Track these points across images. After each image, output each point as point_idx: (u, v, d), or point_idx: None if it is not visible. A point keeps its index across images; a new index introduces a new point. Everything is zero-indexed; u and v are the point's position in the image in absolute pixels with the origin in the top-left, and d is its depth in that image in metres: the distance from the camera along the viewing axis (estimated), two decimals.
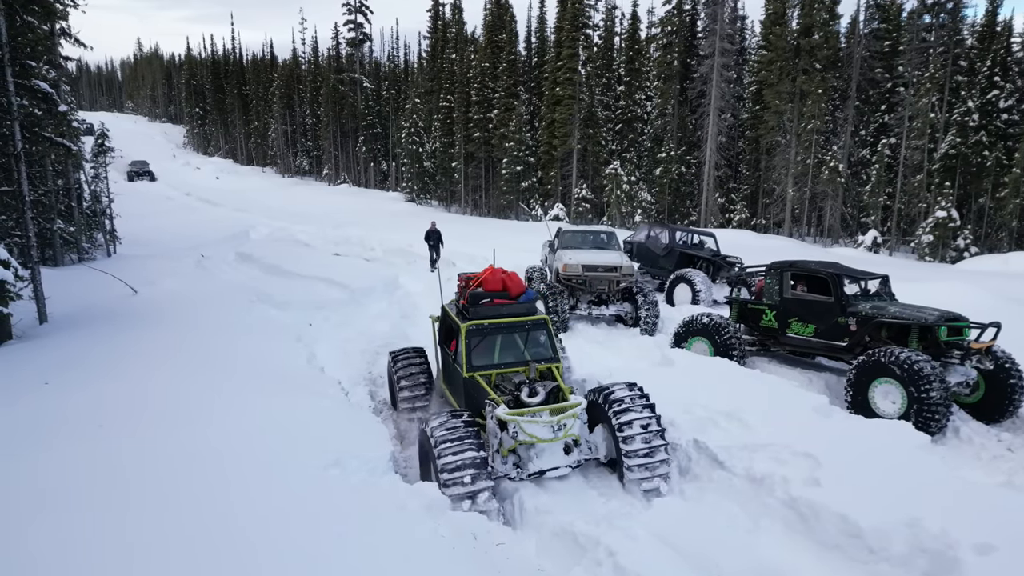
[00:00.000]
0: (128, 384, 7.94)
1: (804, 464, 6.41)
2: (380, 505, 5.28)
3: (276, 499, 5.16)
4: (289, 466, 5.80)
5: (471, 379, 7.20)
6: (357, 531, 4.80)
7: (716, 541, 5.58)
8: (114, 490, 5.20)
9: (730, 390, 8.18)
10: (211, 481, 5.43)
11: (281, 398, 7.64)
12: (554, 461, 6.59)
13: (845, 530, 5.53)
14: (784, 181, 34.06)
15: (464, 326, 7.38)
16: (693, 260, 16.14)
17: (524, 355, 7.63)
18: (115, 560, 4.25)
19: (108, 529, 4.62)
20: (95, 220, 20.81)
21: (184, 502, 5.02)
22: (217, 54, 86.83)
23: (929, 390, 7.74)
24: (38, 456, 5.81)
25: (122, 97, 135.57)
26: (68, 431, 6.41)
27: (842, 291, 9.33)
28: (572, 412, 6.63)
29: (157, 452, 5.94)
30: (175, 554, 4.32)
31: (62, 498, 5.05)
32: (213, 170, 65.02)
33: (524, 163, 40.79)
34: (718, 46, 34.49)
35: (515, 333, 7.70)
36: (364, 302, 14.86)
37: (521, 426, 6.40)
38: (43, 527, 4.60)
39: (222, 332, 11.01)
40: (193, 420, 6.80)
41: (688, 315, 10.93)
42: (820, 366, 10.38)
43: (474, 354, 7.37)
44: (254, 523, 4.77)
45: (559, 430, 6.49)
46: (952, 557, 4.97)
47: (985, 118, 30.11)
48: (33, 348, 9.87)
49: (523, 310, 7.85)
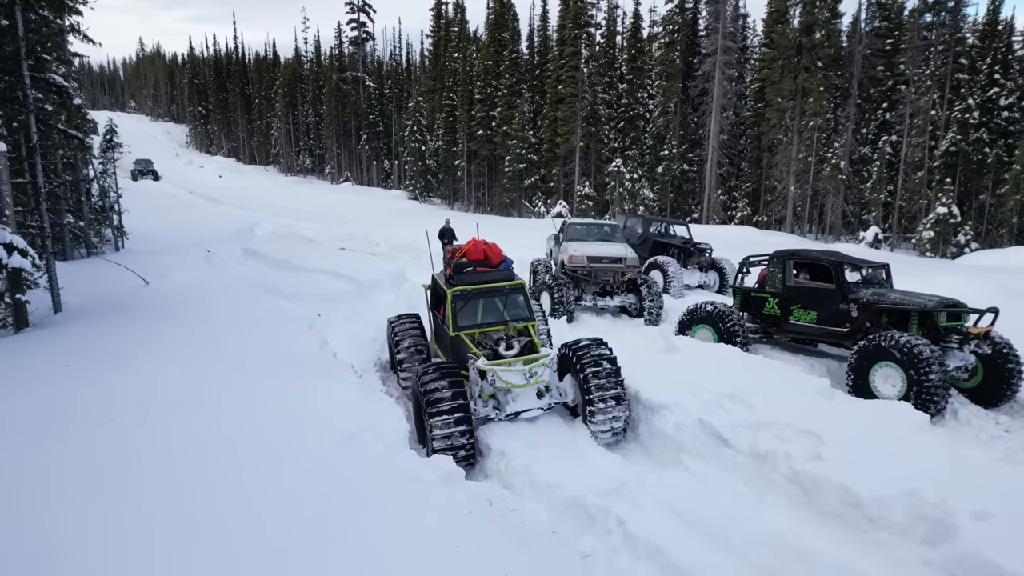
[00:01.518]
0: (143, 370, 8.17)
1: (807, 441, 6.61)
2: (396, 476, 5.47)
3: (293, 474, 5.33)
4: (306, 442, 5.99)
5: (457, 338, 8.23)
6: (374, 500, 4.98)
7: (723, 512, 5.77)
8: (130, 472, 5.34)
9: (734, 374, 8.37)
10: (224, 462, 5.59)
11: (296, 382, 7.84)
12: (527, 404, 7.68)
13: (846, 500, 5.72)
14: (786, 178, 34.23)
15: (450, 292, 8.37)
16: (666, 248, 17.29)
17: (503, 315, 8.68)
18: (130, 539, 4.35)
19: (124, 511, 4.71)
20: (103, 215, 21.01)
21: (200, 479, 5.18)
22: (220, 53, 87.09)
23: (928, 373, 7.93)
24: (56, 441, 5.97)
25: (124, 96, 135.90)
26: (83, 417, 6.57)
27: (843, 278, 9.52)
28: (542, 361, 7.68)
29: (173, 435, 6.10)
30: (194, 524, 4.47)
31: (78, 481, 5.17)
32: (216, 169, 65.27)
33: (527, 161, 40.98)
34: (720, 44, 34.67)
35: (495, 297, 8.73)
36: (372, 295, 15.05)
37: (497, 374, 7.44)
38: (59, 509, 4.69)
39: (234, 321, 11.23)
40: (210, 404, 6.99)
41: (692, 303, 11.12)
42: (822, 353, 10.57)
43: (459, 315, 8.41)
44: (270, 494, 4.93)
45: (530, 377, 7.56)
46: (950, 523, 5.15)
47: (985, 116, 30.28)
48: (52, 335, 10.08)
49: (502, 277, 8.87)
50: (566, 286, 13.23)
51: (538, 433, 7.65)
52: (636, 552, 5.26)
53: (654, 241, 17.40)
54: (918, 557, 5.14)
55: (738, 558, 5.08)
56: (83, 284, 13.99)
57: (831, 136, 34.34)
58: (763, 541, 5.29)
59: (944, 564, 4.98)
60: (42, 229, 11.72)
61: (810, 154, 32.82)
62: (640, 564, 5.12)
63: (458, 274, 8.75)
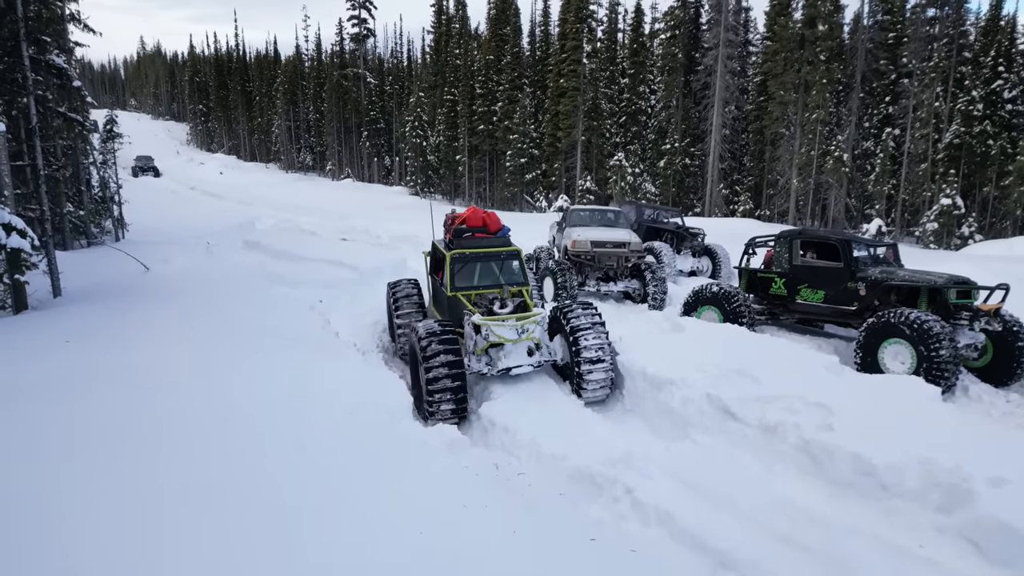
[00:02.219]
0: (150, 347, 8.09)
1: (817, 413, 6.50)
2: (403, 442, 5.38)
3: (303, 439, 5.27)
4: (315, 413, 5.90)
5: (454, 297, 8.54)
6: (381, 464, 4.89)
7: (731, 480, 5.67)
8: (147, 434, 5.30)
9: (741, 351, 8.27)
10: (240, 427, 5.55)
11: (300, 359, 7.76)
12: (519, 360, 7.92)
13: (858, 468, 5.62)
14: (788, 172, 34.11)
15: (449, 254, 8.72)
16: (659, 233, 17.43)
17: (499, 279, 9.00)
18: (146, 494, 4.31)
19: (141, 468, 4.68)
20: (104, 206, 20.92)
21: (216, 442, 5.13)
22: (220, 51, 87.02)
23: (939, 348, 7.82)
24: (72, 405, 5.91)
25: (125, 95, 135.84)
26: (100, 385, 6.52)
27: (852, 256, 9.41)
28: (533, 319, 8.03)
29: (187, 402, 6.06)
30: (209, 484, 4.42)
31: (97, 439, 5.15)
32: (217, 166, 65.20)
33: (528, 155, 40.88)
34: (723, 37, 34.55)
35: (492, 262, 9.06)
36: (374, 282, 14.93)
37: (491, 328, 7.78)
38: (76, 465, 4.68)
39: (237, 303, 11.14)
40: (220, 376, 6.93)
41: (698, 285, 11.02)
42: (828, 334, 10.47)
43: (456, 277, 8.74)
44: (284, 458, 4.88)
45: (522, 333, 7.87)
46: (966, 489, 5.05)
47: (989, 108, 30.13)
48: (52, 316, 9.98)
49: (499, 243, 9.23)
50: (569, 271, 13.12)
51: (541, 408, 7.55)
52: (645, 519, 5.15)
53: (647, 227, 17.50)
54: (932, 523, 5.04)
55: (748, 522, 4.97)
56: (83, 271, 13.90)
57: (833, 130, 34.20)
58: (773, 507, 5.19)
59: (959, 529, 4.88)
60: (41, 212, 11.63)
61: (813, 147, 32.68)
62: (650, 531, 5.01)
63: (457, 239, 9.09)
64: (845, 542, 4.71)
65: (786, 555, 4.53)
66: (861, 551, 4.60)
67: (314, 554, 3.49)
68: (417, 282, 10.61)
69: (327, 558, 3.44)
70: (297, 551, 3.51)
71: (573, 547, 3.94)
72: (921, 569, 4.42)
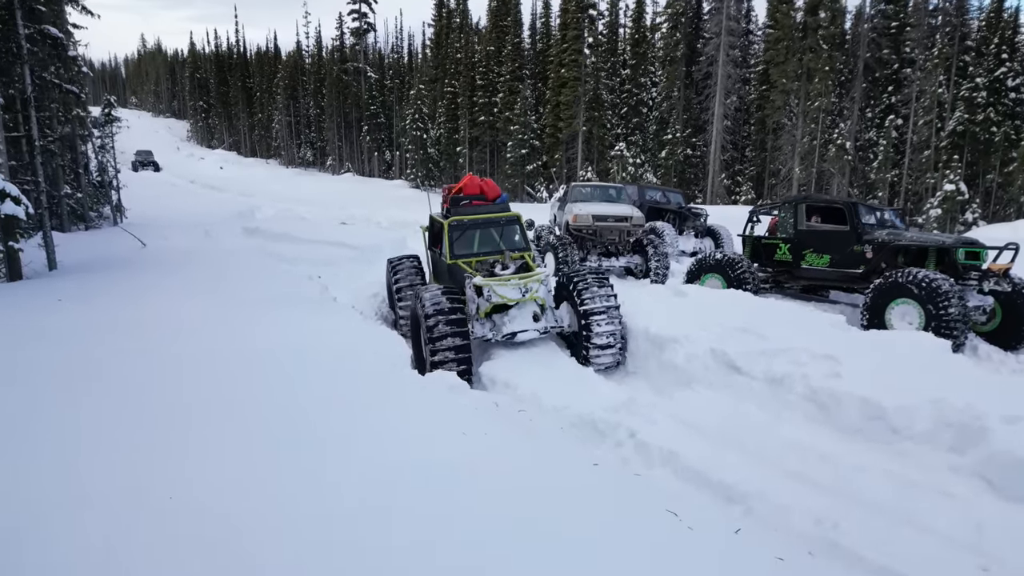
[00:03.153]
0: (165, 303, 8.19)
1: (824, 364, 6.34)
2: (403, 385, 5.26)
3: (318, 375, 5.30)
4: (319, 358, 5.81)
5: (454, 265, 8.34)
6: (385, 397, 4.83)
7: (736, 426, 5.54)
8: (173, 372, 5.33)
9: (746, 312, 8.10)
10: (267, 364, 5.60)
11: (303, 316, 7.65)
12: (524, 325, 7.66)
13: (867, 412, 5.48)
14: (791, 161, 33.95)
15: (446, 222, 8.55)
16: (662, 213, 17.19)
17: (499, 245, 8.77)
18: (176, 418, 4.29)
19: (168, 398, 4.68)
20: (102, 191, 20.77)
21: (241, 378, 5.18)
22: (221, 48, 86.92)
23: (948, 306, 7.67)
24: (95, 347, 5.95)
25: (126, 93, 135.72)
26: (120, 332, 6.60)
27: (858, 219, 9.26)
28: (537, 277, 7.77)
29: (211, 348, 6.12)
30: (229, 409, 4.43)
31: (121, 374, 5.18)
32: (217, 161, 65.07)
33: (529, 146, 40.72)
34: (724, 25, 34.39)
35: (491, 228, 8.85)
36: (373, 259, 14.81)
37: (493, 288, 7.53)
38: (101, 389, 4.77)
39: (238, 274, 11.06)
40: (234, 325, 7.03)
41: (701, 255, 10.87)
42: (833, 301, 10.31)
43: (455, 245, 8.53)
44: (303, 388, 4.93)
45: (525, 292, 7.63)
46: (979, 427, 4.91)
47: (993, 95, 29.94)
48: (49, 283, 9.86)
49: (498, 209, 9.09)
50: (571, 246, 12.97)
51: (543, 368, 7.41)
52: (649, 460, 5.02)
53: (650, 207, 17.30)
54: (945, 464, 4.90)
55: (755, 461, 4.84)
56: (79, 247, 13.79)
57: (836, 119, 34.03)
58: (781, 447, 5.06)
59: (973, 468, 4.75)
60: (37, 184, 11.50)
61: (815, 136, 32.52)
62: (654, 471, 4.87)
63: (454, 207, 8.93)
64: (855, 478, 4.57)
65: (795, 489, 4.39)
66: (872, 485, 4.46)
67: (332, 464, 3.55)
68: (417, 257, 10.44)
69: (344, 466, 3.54)
70: (318, 462, 3.58)
71: (575, 470, 3.79)
72: (934, 500, 4.27)
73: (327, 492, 3.20)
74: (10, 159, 11.71)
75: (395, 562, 2.61)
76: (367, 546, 2.72)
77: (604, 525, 3.05)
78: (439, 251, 8.99)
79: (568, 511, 3.16)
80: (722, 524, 3.37)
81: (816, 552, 3.45)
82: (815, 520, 3.98)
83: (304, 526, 2.84)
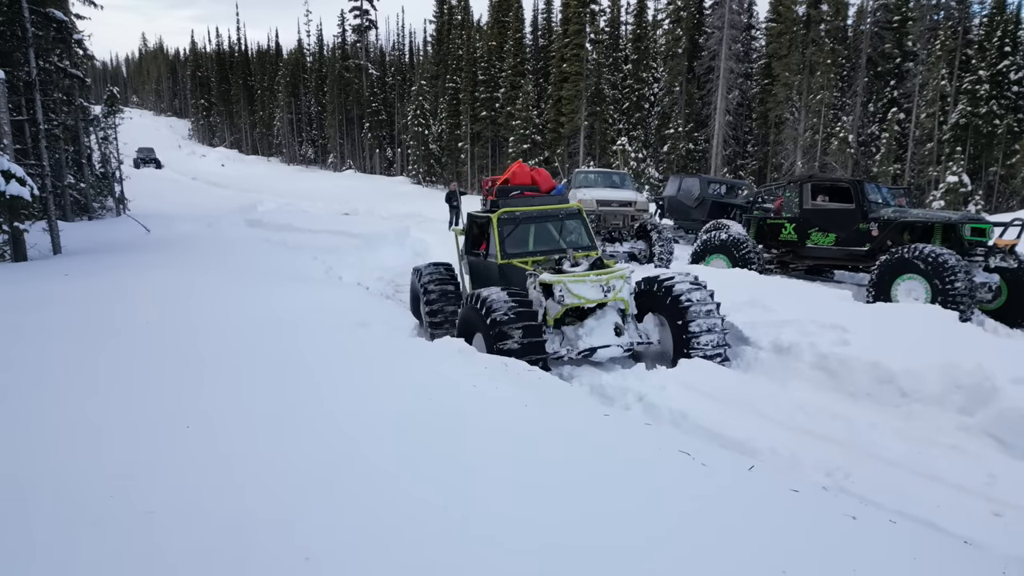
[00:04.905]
0: (172, 278, 8.27)
1: (832, 334, 6.35)
2: (409, 348, 5.28)
3: (328, 337, 5.40)
4: (325, 324, 5.84)
5: (507, 264, 6.87)
6: (395, 356, 4.87)
7: (746, 392, 5.52)
8: (183, 331, 5.49)
9: (752, 287, 8.09)
10: (266, 329, 5.71)
11: (307, 289, 7.70)
12: (605, 338, 6.16)
13: (876, 376, 5.48)
14: (793, 154, 33.91)
15: (495, 215, 7.08)
16: (727, 209, 14.88)
17: (560, 244, 7.32)
18: (205, 370, 4.37)
19: (186, 352, 4.81)
20: (105, 182, 20.79)
21: (255, 338, 5.36)
22: (222, 46, 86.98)
23: (954, 281, 7.67)
24: (111, 308, 6.20)
25: (127, 92, 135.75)
26: (135, 298, 6.89)
27: (864, 197, 9.25)
28: (620, 273, 6.32)
29: (221, 311, 6.34)
30: (243, 361, 4.54)
31: (140, 330, 5.42)
32: (218, 158, 65.09)
33: (531, 141, 40.72)
34: (727, 19, 34.37)
35: (548, 223, 7.39)
36: (377, 246, 14.84)
37: (567, 287, 6.01)
38: (119, 343, 4.97)
39: (243, 257, 11.13)
40: (248, 295, 7.10)
41: (704, 234, 10.86)
42: (838, 281, 10.31)
43: (507, 242, 7.04)
44: (302, 348, 4.97)
45: (608, 292, 6.13)
46: (989, 387, 4.91)
47: (996, 88, 29.91)
48: (56, 263, 9.89)
49: (555, 200, 7.69)
50: None
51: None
52: (658, 420, 5.00)
53: (713, 202, 15.62)
54: (956, 425, 4.90)
55: (766, 420, 4.83)
56: (83, 235, 13.83)
57: (838, 114, 34.01)
58: (792, 408, 5.05)
59: (983, 427, 4.74)
60: (42, 168, 11.51)
61: (817, 130, 32.49)
62: (662, 429, 4.86)
63: (503, 198, 7.57)
64: (866, 434, 4.57)
65: (806, 442, 4.39)
66: (883, 441, 4.46)
67: (344, 415, 3.59)
68: (449, 265, 8.45)
69: (352, 411, 3.65)
70: (327, 406, 3.71)
71: (586, 419, 3.80)
72: (945, 455, 4.27)
73: (343, 438, 3.23)
74: (15, 143, 11.71)
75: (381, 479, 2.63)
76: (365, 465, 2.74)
77: (618, 462, 3.06)
78: (484, 252, 7.49)
79: (580, 451, 3.17)
80: (735, 465, 3.37)
81: (830, 491, 3.45)
82: (827, 472, 3.97)
83: (303, 464, 2.91)
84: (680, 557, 2.29)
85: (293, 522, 2.37)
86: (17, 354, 4.52)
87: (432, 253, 14.36)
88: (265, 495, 2.58)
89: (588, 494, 2.70)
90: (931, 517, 3.34)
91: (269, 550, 2.20)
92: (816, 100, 31.90)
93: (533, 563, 2.19)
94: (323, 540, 2.23)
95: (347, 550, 2.20)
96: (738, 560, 2.30)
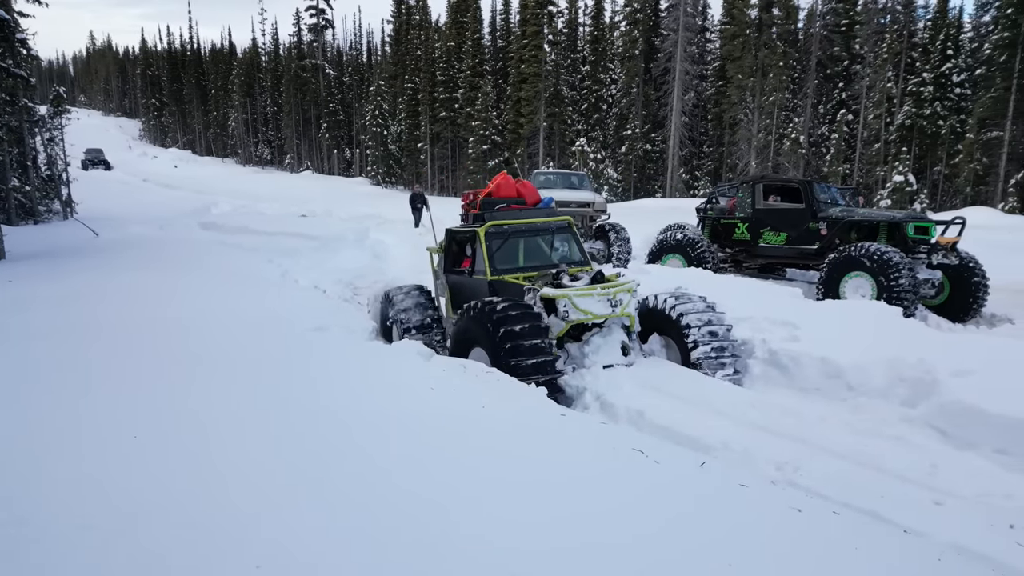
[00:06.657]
0: (124, 280, 8.14)
1: (782, 330, 6.52)
2: (367, 351, 5.25)
3: (293, 337, 5.43)
4: (280, 328, 5.76)
5: (498, 281, 6.49)
6: (350, 357, 4.84)
7: (700, 389, 5.61)
8: (174, 327, 5.56)
9: (706, 286, 8.19)
10: (210, 336, 5.52)
11: (261, 293, 7.57)
12: (612, 358, 5.91)
13: (825, 371, 5.66)
14: (747, 155, 34.62)
15: (482, 229, 6.66)
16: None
17: (551, 259, 7.00)
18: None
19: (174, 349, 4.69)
20: (51, 185, 20.14)
21: (218, 339, 5.31)
22: (174, 45, 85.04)
23: (898, 277, 7.94)
24: (92, 309, 6.23)
25: (74, 91, 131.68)
26: (111, 298, 6.84)
27: (813, 197, 9.51)
28: (626, 286, 6.03)
29: (196, 309, 6.35)
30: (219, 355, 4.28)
31: (119, 327, 5.53)
32: (170, 159, 63.59)
33: (491, 142, 40.77)
34: (682, 21, 34.91)
35: (538, 237, 7.07)
36: (335, 248, 14.68)
37: (572, 301, 5.71)
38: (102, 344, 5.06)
39: (196, 260, 10.87)
40: (187, 301, 6.86)
41: (661, 234, 11.03)
42: (790, 279, 10.58)
43: (496, 257, 6.63)
44: (249, 355, 4.82)
45: (616, 306, 5.86)
46: (931, 380, 5.10)
47: (939, 91, 30.99)
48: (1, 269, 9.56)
49: (544, 213, 7.37)
50: None
51: None
52: (615, 419, 5.08)
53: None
54: (899, 417, 5.07)
55: (720, 417, 4.92)
56: (29, 239, 13.38)
57: (790, 115, 34.83)
58: (745, 404, 5.16)
59: (925, 418, 4.92)
60: None
61: (770, 131, 33.23)
62: (619, 427, 4.93)
63: (488, 211, 7.10)
64: (817, 427, 4.71)
65: (758, 438, 4.49)
66: (832, 435, 4.59)
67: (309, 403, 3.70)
68: (423, 287, 7.89)
69: (322, 403, 3.76)
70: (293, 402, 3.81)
71: (543, 420, 3.83)
72: (890, 446, 4.42)
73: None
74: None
75: None
76: None
77: (572, 458, 3.10)
78: (468, 270, 7.12)
79: (534, 447, 3.21)
80: (687, 461, 3.44)
81: (779, 484, 3.55)
82: (777, 466, 4.08)
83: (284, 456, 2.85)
84: (625, 552, 2.34)
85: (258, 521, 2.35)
86: None
87: (392, 254, 14.29)
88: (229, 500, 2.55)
89: (536, 496, 2.73)
90: (875, 507, 3.46)
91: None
92: (769, 102, 32.62)
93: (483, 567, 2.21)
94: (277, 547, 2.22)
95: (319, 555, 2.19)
96: (684, 552, 2.37)
